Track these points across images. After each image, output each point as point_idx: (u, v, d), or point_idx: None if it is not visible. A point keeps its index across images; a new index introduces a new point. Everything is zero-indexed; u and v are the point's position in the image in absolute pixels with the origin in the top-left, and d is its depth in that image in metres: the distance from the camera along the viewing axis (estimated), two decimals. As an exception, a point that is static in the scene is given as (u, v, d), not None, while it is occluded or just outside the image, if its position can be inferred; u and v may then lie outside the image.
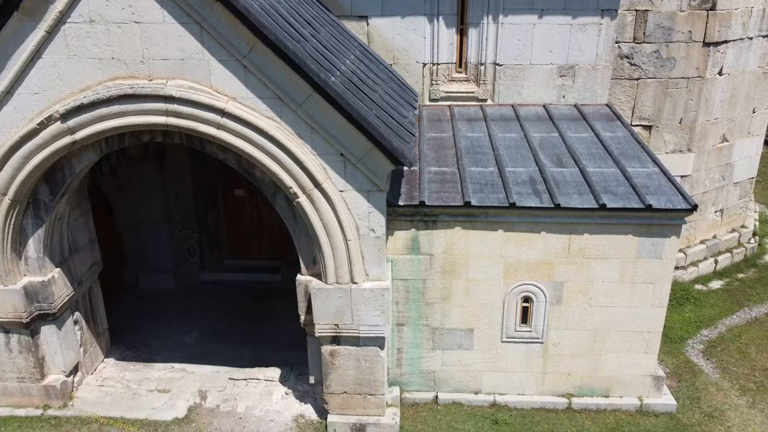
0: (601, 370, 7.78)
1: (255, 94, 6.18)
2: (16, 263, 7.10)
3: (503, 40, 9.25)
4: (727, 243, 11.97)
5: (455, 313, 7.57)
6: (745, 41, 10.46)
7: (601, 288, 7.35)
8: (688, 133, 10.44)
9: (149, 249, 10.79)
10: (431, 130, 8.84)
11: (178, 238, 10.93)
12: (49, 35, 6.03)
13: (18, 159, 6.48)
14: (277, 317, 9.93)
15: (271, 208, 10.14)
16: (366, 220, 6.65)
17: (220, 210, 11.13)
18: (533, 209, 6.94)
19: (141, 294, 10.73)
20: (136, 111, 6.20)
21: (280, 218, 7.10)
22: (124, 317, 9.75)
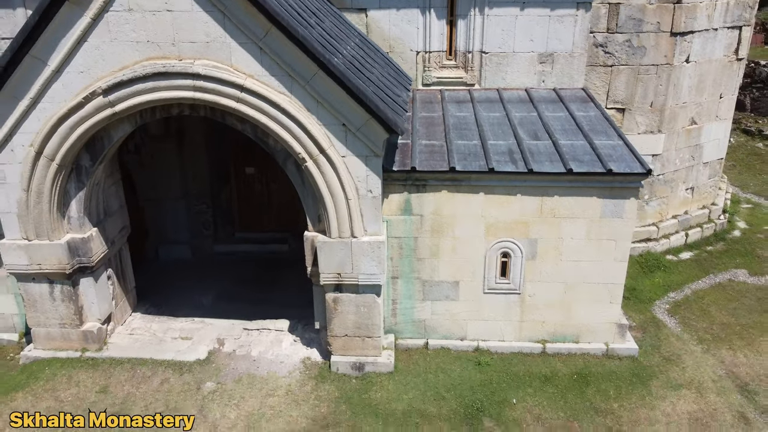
0: (572, 319, 8.83)
1: (269, 72, 7.23)
2: (60, 222, 8.17)
3: (489, 30, 10.28)
4: (698, 218, 13.01)
5: (443, 268, 8.62)
6: (711, 32, 11.50)
7: (570, 245, 8.40)
8: (659, 115, 11.48)
9: (168, 223, 11.85)
10: (423, 111, 9.88)
11: (194, 213, 11.99)
12: (93, 21, 7.09)
13: (65, 129, 7.55)
14: (286, 283, 10.98)
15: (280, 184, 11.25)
16: (364, 182, 7.71)
17: (233, 187, 12.20)
18: (509, 174, 7.99)
19: (161, 263, 11.79)
20: (167, 87, 7.26)
21: (288, 194, 8.20)
22: (147, 282, 10.77)
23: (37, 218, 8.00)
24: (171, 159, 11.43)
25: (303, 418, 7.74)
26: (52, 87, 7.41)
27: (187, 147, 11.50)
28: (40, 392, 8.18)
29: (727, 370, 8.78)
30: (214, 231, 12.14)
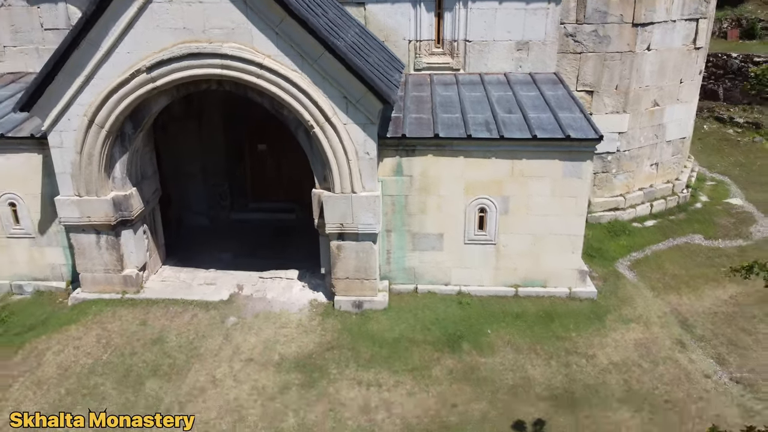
0: (540, 266, 10.34)
1: (284, 52, 8.76)
2: (106, 181, 9.69)
3: (472, 22, 11.80)
4: (662, 191, 14.52)
5: (429, 222, 10.14)
6: (669, 23, 13.02)
7: (538, 201, 9.91)
8: (623, 97, 13.00)
9: (189, 193, 13.36)
10: (414, 91, 11.39)
11: (212, 185, 13.51)
12: (139, 11, 8.62)
13: (113, 101, 9.08)
14: (294, 245, 12.47)
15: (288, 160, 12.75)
16: (363, 145, 9.23)
17: (246, 162, 13.71)
18: (485, 140, 9.51)
19: (183, 229, 13.30)
20: (200, 65, 8.79)
21: (295, 169, 9.69)
22: (172, 244, 12.25)
23: (88, 177, 9.54)
24: (192, 137, 12.94)
25: (311, 343, 9.27)
26: (103, 66, 8.94)
27: (205, 126, 13.02)
28: (90, 324, 9.71)
29: (671, 309, 10.30)
30: (230, 201, 13.66)
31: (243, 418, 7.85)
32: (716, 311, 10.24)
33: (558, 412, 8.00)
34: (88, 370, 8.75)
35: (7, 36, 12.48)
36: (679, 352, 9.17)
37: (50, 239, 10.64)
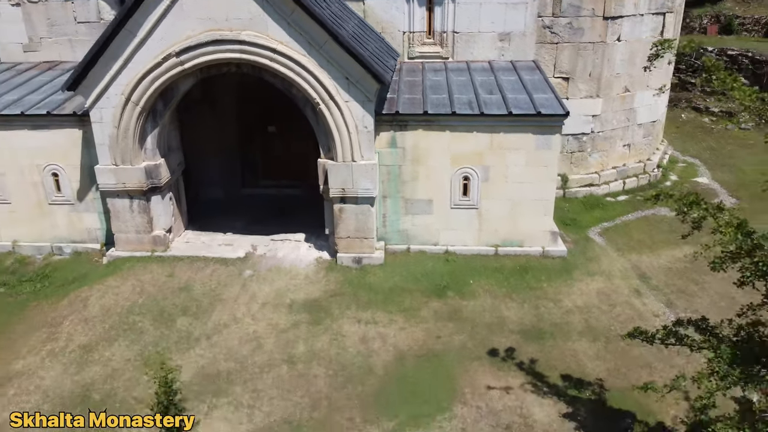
0: (517, 228, 11.80)
1: (294, 39, 10.22)
2: (139, 152, 11.16)
3: (459, 15, 13.25)
4: (634, 170, 15.98)
5: (420, 189, 11.59)
6: (638, 17, 14.47)
7: (514, 170, 11.37)
8: (596, 83, 14.46)
9: (206, 170, 14.79)
10: (407, 77, 12.85)
11: (226, 162, 14.96)
12: (171, 4, 10.09)
13: (147, 82, 10.55)
14: (300, 215, 13.85)
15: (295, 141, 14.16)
16: (362, 120, 10.70)
17: (257, 142, 15.16)
18: (467, 116, 10.98)
19: (200, 202, 14.74)
20: (222, 50, 10.27)
21: (300, 149, 11.12)
22: (192, 214, 13.72)
23: (124, 148, 11.01)
24: (208, 119, 14.37)
25: (317, 291, 10.74)
26: (139, 51, 10.41)
27: (220, 111, 14.45)
28: (125, 276, 11.19)
29: (632, 265, 11.78)
30: (241, 178, 15.12)
31: (261, 345, 9.33)
32: (671, 267, 11.71)
33: (527, 342, 9.47)
34: (127, 310, 10.23)
35: (43, 28, 13.95)
36: (635, 298, 10.64)
37: (87, 206, 12.12)
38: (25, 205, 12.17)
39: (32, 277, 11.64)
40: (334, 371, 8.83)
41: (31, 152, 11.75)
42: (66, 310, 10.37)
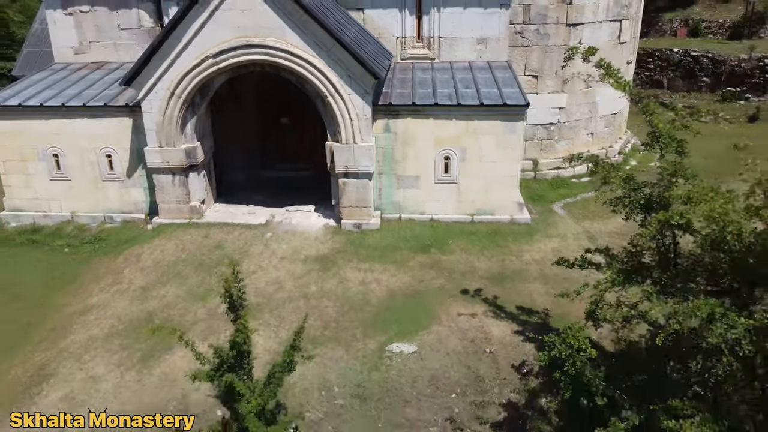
0: (489, 199, 14.30)
1: (307, 44, 12.74)
2: (180, 136, 13.68)
3: (444, 23, 15.73)
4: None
5: (410, 167, 14.10)
6: (597, 23, 16.99)
7: (486, 152, 13.87)
8: (561, 81, 16.96)
9: (230, 155, 17.28)
10: (399, 75, 15.35)
11: (247, 149, 17.46)
12: (210, 15, 12.62)
13: (188, 79, 13.07)
14: (310, 191, 16.30)
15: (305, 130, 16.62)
16: (362, 110, 13.22)
17: (273, 132, 17.67)
18: (447, 106, 13.49)
19: (226, 181, 17.24)
20: (250, 53, 12.79)
21: (309, 137, 13.67)
22: (220, 191, 16.23)
23: (168, 133, 13.54)
24: (233, 112, 16.88)
25: (325, 249, 13.27)
26: (183, 54, 12.93)
27: (242, 105, 16.97)
28: (169, 238, 13.73)
29: (584, 230, 14.30)
30: (260, 162, 17.64)
31: (282, 286, 11.86)
32: (616, 231, 14.20)
33: (492, 285, 11.98)
34: (173, 262, 12.77)
35: (92, 34, 16.47)
36: (582, 253, 13.12)
37: (134, 182, 14.65)
38: (82, 182, 14.71)
39: (90, 239, 14.19)
40: (340, 303, 11.36)
41: (89, 137, 14.29)
42: (123, 263, 12.92)
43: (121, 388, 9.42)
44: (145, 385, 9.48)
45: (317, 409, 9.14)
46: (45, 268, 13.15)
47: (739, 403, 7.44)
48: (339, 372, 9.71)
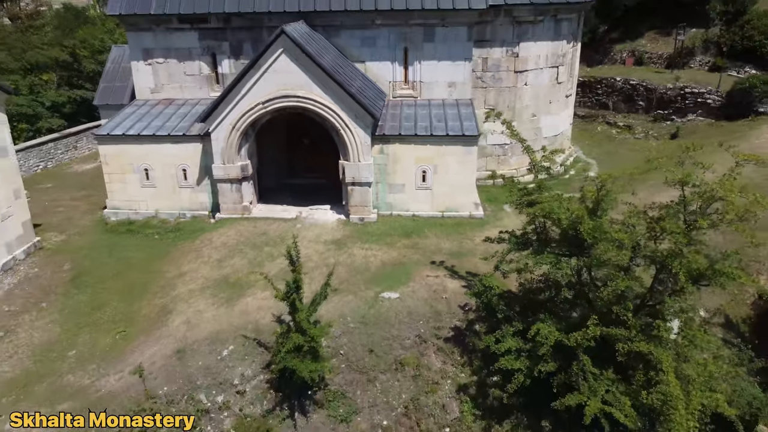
0: (454, 201, 20.17)
1: (326, 94, 18.64)
2: (236, 156, 19.60)
3: (423, 71, 21.64)
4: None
5: (398, 178, 20.01)
6: (538, 70, 22.88)
7: (451, 167, 19.74)
8: (512, 112, 22.84)
9: (267, 168, 23.19)
10: (391, 110, 21.24)
11: (277, 163, 23.36)
12: (261, 76, 18.52)
13: (244, 118, 19.01)
14: (325, 195, 22.25)
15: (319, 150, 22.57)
16: (363, 138, 19.13)
17: (296, 150, 23.56)
18: (424, 136, 19.41)
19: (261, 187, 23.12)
20: (287, 101, 18.72)
21: (324, 155, 19.57)
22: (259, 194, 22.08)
23: (229, 155, 19.44)
24: (270, 138, 22.77)
25: (338, 235, 19.15)
26: (241, 101, 18.84)
27: (276, 133, 22.86)
28: (229, 228, 19.62)
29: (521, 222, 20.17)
30: (287, 172, 23.53)
31: (310, 259, 17.71)
32: (543, 223, 20.04)
33: (451, 258, 17.82)
34: (235, 244, 18.65)
35: (164, 78, 22.37)
36: (516, 238, 19.00)
37: (202, 188, 20.54)
38: (164, 188, 20.60)
39: (171, 229, 20.08)
40: (350, 269, 17.22)
41: (171, 156, 20.18)
42: (200, 245, 18.82)
43: (217, 317, 15.30)
44: (231, 315, 15.35)
45: (337, 329, 14.98)
46: (145, 248, 19.05)
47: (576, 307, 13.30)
48: (350, 308, 15.56)
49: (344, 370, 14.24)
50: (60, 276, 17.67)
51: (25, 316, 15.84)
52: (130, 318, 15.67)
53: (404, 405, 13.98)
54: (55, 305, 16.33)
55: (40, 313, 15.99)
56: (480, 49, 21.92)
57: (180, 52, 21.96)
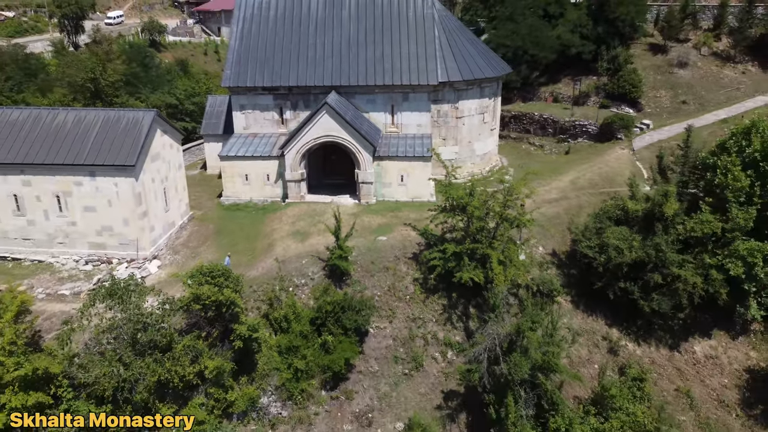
0: (419, 192, 36.12)
1: (349, 134, 34.70)
2: (299, 167, 35.64)
3: (403, 118, 37.75)
4: (477, 174, 40.25)
5: (387, 179, 36.06)
6: (470, 116, 38.93)
7: (416, 173, 35.71)
8: (456, 140, 38.87)
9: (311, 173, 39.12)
10: (384, 141, 37.25)
11: (317, 170, 39.32)
12: (312, 125, 34.57)
13: (304, 147, 35.10)
14: (346, 190, 38.17)
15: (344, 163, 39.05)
16: (369, 158, 35.20)
17: (327, 163, 39.53)
18: (402, 156, 35.49)
19: (309, 185, 39.06)
20: (327, 138, 34.83)
21: (345, 166, 35.66)
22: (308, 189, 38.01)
23: (293, 166, 35.49)
24: (313, 156, 38.67)
25: (355, 210, 35.13)
26: (302, 138, 34.88)
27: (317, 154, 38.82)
28: (294, 208, 35.64)
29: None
30: (322, 175, 39.52)
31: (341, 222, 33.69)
32: (469, 204, 36.18)
33: (414, 222, 33.70)
34: (298, 215, 34.68)
35: (251, 121, 38.47)
36: (452, 212, 35.09)
37: (278, 185, 36.60)
38: (256, 185, 36.63)
39: (261, 208, 36.10)
40: (361, 227, 33.21)
41: (260, 167, 36.24)
42: (280, 216, 34.82)
43: (297, 247, 31.20)
44: (304, 246, 31.27)
45: (355, 252, 30.80)
46: (249, 218, 35.01)
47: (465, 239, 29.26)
48: (361, 243, 31.42)
49: (359, 270, 30.22)
50: (209, 230, 33.74)
51: (201, 248, 31.89)
52: (251, 249, 31.65)
53: (388, 286, 29.95)
54: (212, 243, 32.37)
55: (207, 246, 32.03)
56: (435, 105, 37.88)
57: (261, 106, 37.90)
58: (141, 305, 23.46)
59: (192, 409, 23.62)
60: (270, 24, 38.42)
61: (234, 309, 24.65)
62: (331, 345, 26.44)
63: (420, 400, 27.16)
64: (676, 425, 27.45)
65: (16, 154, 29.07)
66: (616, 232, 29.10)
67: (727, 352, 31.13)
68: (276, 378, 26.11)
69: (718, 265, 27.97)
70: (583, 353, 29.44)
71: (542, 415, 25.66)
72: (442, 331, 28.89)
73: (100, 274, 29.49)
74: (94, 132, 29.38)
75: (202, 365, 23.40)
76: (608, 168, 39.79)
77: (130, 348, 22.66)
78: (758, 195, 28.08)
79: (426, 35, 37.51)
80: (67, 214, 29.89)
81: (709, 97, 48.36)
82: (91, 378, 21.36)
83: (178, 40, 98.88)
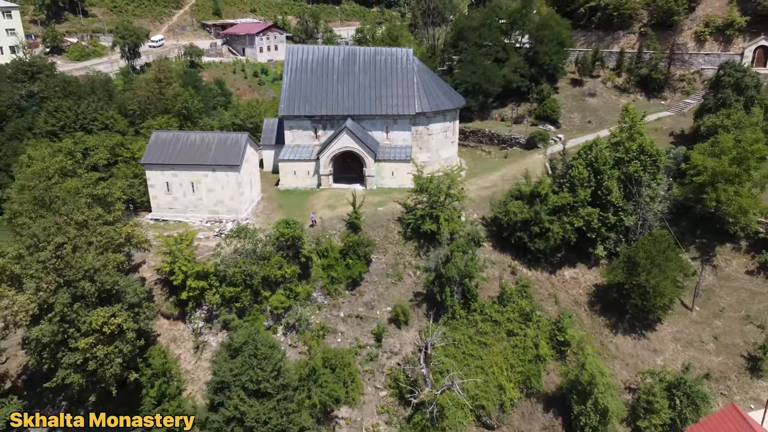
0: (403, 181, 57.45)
1: (359, 146, 56.11)
2: (329, 166, 57.04)
3: (393, 135, 59.22)
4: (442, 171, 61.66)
5: (383, 174, 57.54)
6: (438, 133, 60.36)
7: (401, 169, 57.15)
8: (428, 149, 60.29)
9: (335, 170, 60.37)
10: (381, 150, 58.71)
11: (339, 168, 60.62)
12: (337, 141, 56.00)
13: (332, 154, 56.54)
14: (358, 181, 59.55)
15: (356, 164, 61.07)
16: (372, 161, 56.62)
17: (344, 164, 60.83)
18: (393, 159, 56.99)
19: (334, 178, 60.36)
20: (345, 148, 56.28)
21: (356, 168, 57.12)
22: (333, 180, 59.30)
23: (325, 165, 56.95)
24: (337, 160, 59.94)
25: (363, 193, 56.49)
26: (330, 149, 56.30)
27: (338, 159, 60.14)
28: (325, 191, 57.05)
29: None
30: (342, 172, 60.85)
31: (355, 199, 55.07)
32: (434, 190, 57.50)
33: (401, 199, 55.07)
34: (328, 195, 56.11)
35: (296, 136, 59.93)
36: (423, 194, 56.49)
37: (314, 178, 58.02)
38: (301, 178, 58.09)
39: (304, 192, 57.51)
40: (367, 201, 54.41)
41: (304, 166, 57.67)
42: (318, 195, 56.25)
43: (330, 214, 52.49)
44: (334, 213, 52.52)
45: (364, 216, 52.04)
46: (297, 198, 56.29)
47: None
48: (367, 212, 52.61)
49: (366, 227, 51.64)
50: (274, 204, 55.20)
51: (272, 214, 53.31)
52: (303, 215, 53.00)
53: (383, 235, 51.41)
54: (278, 211, 53.76)
55: (275, 213, 53.43)
56: (414, 126, 59.25)
57: (302, 126, 59.24)
58: (254, 237, 45.10)
59: (277, 294, 45.18)
60: (308, 74, 59.67)
61: (300, 242, 46.10)
62: (351, 264, 47.86)
63: (401, 297, 48.51)
64: (545, 312, 48.84)
65: (168, 158, 50.51)
66: (514, 204, 50.40)
67: (584, 276, 52.60)
68: (321, 282, 47.53)
69: (569, 222, 49.29)
70: (495, 273, 50.79)
71: (467, 302, 47.09)
72: (414, 260, 50.24)
73: (216, 228, 50.91)
74: (213, 145, 50.86)
75: (284, 270, 44.93)
76: (527, 167, 61.04)
77: (250, 259, 44.22)
78: (593, 182, 49.40)
79: (408, 82, 58.77)
80: (197, 194, 51.39)
81: (607, 117, 69.65)
82: (230, 273, 43.27)
83: (211, 60, 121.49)
